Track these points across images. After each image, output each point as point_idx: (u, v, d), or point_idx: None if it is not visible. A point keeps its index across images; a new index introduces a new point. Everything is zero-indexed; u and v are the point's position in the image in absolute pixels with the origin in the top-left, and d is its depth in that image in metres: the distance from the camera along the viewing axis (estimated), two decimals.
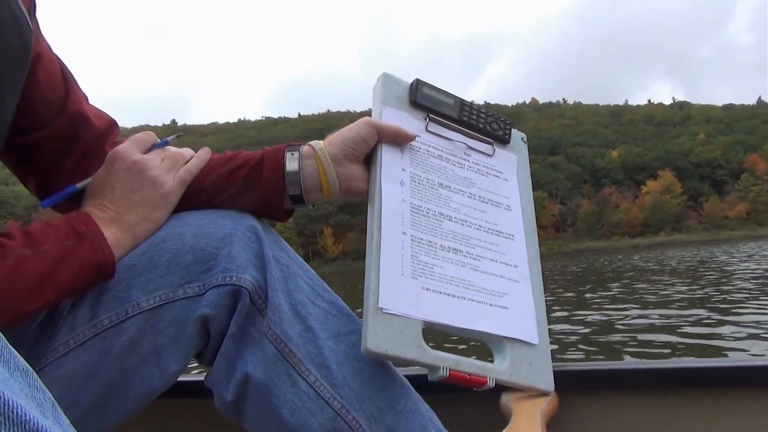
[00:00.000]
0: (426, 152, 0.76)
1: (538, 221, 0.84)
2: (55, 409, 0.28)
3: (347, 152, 0.70)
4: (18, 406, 0.23)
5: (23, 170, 0.72)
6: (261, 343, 0.62)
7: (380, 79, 0.78)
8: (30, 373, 0.28)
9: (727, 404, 0.77)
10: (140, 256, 0.63)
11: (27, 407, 0.24)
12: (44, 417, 0.25)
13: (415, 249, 0.68)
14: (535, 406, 0.70)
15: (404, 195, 0.71)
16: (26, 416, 0.23)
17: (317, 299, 0.67)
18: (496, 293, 0.72)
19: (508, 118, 0.85)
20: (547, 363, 0.74)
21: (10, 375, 0.26)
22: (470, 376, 0.66)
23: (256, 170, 0.68)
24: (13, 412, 0.23)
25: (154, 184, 0.66)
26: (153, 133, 0.72)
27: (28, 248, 0.55)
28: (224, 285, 0.61)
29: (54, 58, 0.70)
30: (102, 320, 0.60)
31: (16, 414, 0.23)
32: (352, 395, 0.62)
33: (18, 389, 0.25)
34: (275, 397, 0.61)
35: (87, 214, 0.62)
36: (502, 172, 0.82)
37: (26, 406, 0.24)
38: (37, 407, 0.26)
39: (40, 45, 0.67)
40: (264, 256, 0.63)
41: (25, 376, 0.27)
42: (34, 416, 0.23)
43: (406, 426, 0.62)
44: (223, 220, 0.65)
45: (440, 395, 0.74)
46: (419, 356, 0.63)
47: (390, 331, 0.63)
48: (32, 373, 0.28)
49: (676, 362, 0.83)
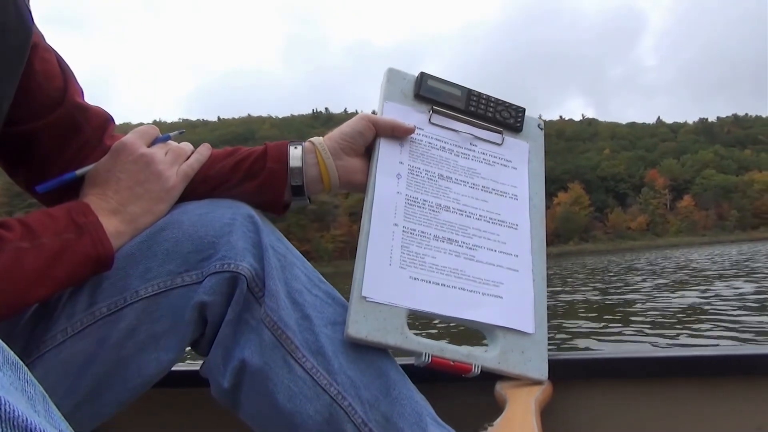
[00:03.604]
0: (428, 144, 0.77)
1: None
2: (47, 403, 0.28)
3: (345, 146, 0.73)
4: (6, 402, 0.23)
5: (15, 162, 0.71)
6: (258, 329, 0.62)
7: (386, 74, 0.79)
8: (20, 367, 0.27)
9: (720, 392, 0.79)
10: (139, 244, 0.63)
11: (15, 403, 0.23)
12: (35, 412, 0.25)
13: (406, 240, 0.71)
14: (529, 394, 0.71)
15: (400, 187, 0.73)
16: (14, 412, 0.23)
17: (314, 288, 0.68)
18: (490, 282, 0.74)
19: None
20: (542, 352, 0.74)
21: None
22: (454, 362, 0.68)
23: (260, 161, 0.70)
24: (2, 408, 0.22)
25: (159, 177, 0.67)
26: (156, 127, 0.73)
27: (26, 241, 0.54)
28: (222, 272, 0.62)
29: (50, 49, 0.69)
30: (100, 308, 0.60)
31: (4, 410, 0.22)
32: (348, 382, 0.63)
33: (8, 383, 0.25)
34: (272, 383, 0.61)
35: (87, 204, 0.62)
36: (510, 160, 0.82)
37: (15, 401, 0.23)
38: (28, 401, 0.26)
39: (35, 35, 0.66)
40: (262, 245, 0.64)
41: (15, 369, 0.27)
42: (23, 412, 0.23)
43: (401, 412, 0.63)
44: (222, 209, 0.66)
45: (436, 384, 0.75)
46: (401, 342, 0.66)
47: (372, 318, 0.65)
48: (22, 366, 0.28)
49: (670, 351, 0.85)
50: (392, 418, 0.63)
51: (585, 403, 0.84)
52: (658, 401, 0.81)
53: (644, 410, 0.81)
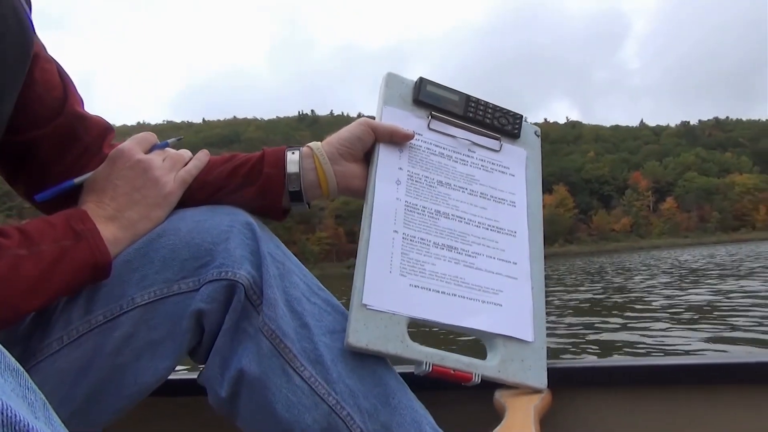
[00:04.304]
0: (427, 150, 0.77)
1: None
2: (47, 409, 0.27)
3: (343, 151, 0.72)
4: (8, 407, 0.23)
5: (14, 170, 0.71)
6: (256, 338, 0.62)
7: (384, 78, 0.79)
8: (21, 373, 0.28)
9: (720, 400, 0.78)
10: (136, 251, 0.62)
11: (17, 408, 0.23)
12: (35, 418, 0.25)
13: (406, 247, 0.70)
14: (528, 402, 0.70)
15: (399, 194, 0.73)
16: (16, 417, 0.23)
17: (312, 296, 0.67)
18: (490, 290, 0.73)
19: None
20: (542, 360, 0.74)
21: (1, 375, 0.26)
22: (454, 371, 0.68)
23: (258, 166, 0.70)
24: (3, 413, 0.22)
25: (156, 183, 0.66)
26: (154, 134, 0.73)
27: (24, 248, 0.54)
28: (219, 280, 0.61)
29: (51, 59, 0.70)
30: (96, 316, 0.60)
31: (6, 416, 0.23)
32: (346, 391, 0.62)
33: (9, 390, 0.25)
34: (270, 393, 0.61)
35: (84, 211, 0.61)
36: (508, 167, 0.82)
37: (17, 407, 0.23)
38: (28, 407, 0.26)
39: (36, 45, 0.66)
40: (260, 253, 0.64)
41: (15, 375, 0.27)
42: (25, 417, 0.23)
43: (400, 422, 0.62)
44: (220, 216, 0.65)
45: (436, 392, 0.74)
46: (402, 351, 0.65)
47: (373, 326, 0.64)
48: (23, 372, 0.28)
49: (668, 359, 0.85)
50: (391, 427, 0.62)
51: (584, 411, 0.83)
52: (657, 409, 0.81)
53: (644, 418, 0.81)
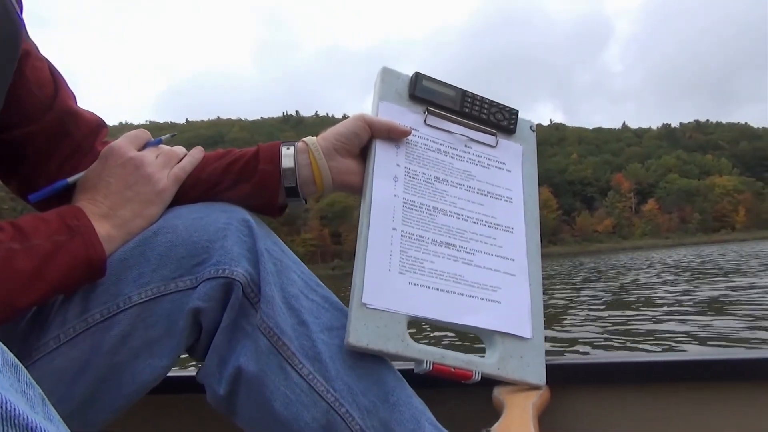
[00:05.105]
0: (423, 146, 0.76)
1: None
2: (45, 404, 0.28)
3: (339, 147, 0.71)
4: (7, 401, 0.23)
5: (7, 168, 0.70)
6: (254, 336, 0.61)
7: (379, 73, 0.77)
8: (19, 369, 0.28)
9: (720, 397, 0.78)
10: (132, 249, 0.62)
11: (16, 402, 0.23)
12: (34, 412, 0.25)
13: (405, 244, 0.69)
14: (527, 399, 0.70)
15: (397, 191, 0.72)
16: (15, 411, 0.23)
17: (310, 293, 0.67)
18: (488, 287, 0.73)
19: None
20: (540, 357, 0.74)
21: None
22: (455, 369, 0.67)
23: (252, 162, 0.69)
24: (3, 407, 0.23)
25: (149, 180, 0.66)
26: (147, 131, 0.72)
27: (17, 242, 0.53)
28: (216, 278, 0.61)
29: (42, 58, 0.70)
30: (93, 314, 0.59)
31: (5, 409, 0.23)
32: (345, 388, 0.62)
33: (7, 384, 0.25)
34: (268, 390, 0.60)
35: (79, 208, 0.61)
36: (505, 163, 0.81)
37: (16, 401, 0.23)
38: (27, 402, 0.26)
39: (27, 44, 0.66)
40: (257, 250, 0.63)
41: (14, 371, 0.27)
42: (24, 411, 0.23)
43: (399, 418, 0.62)
44: (216, 213, 0.64)
45: (434, 389, 0.74)
46: (402, 350, 0.65)
47: (373, 325, 0.64)
48: (22, 368, 0.28)
49: (667, 355, 0.85)
50: (390, 424, 0.62)
51: (582, 407, 0.84)
52: (656, 406, 0.81)
53: (642, 415, 0.81)
